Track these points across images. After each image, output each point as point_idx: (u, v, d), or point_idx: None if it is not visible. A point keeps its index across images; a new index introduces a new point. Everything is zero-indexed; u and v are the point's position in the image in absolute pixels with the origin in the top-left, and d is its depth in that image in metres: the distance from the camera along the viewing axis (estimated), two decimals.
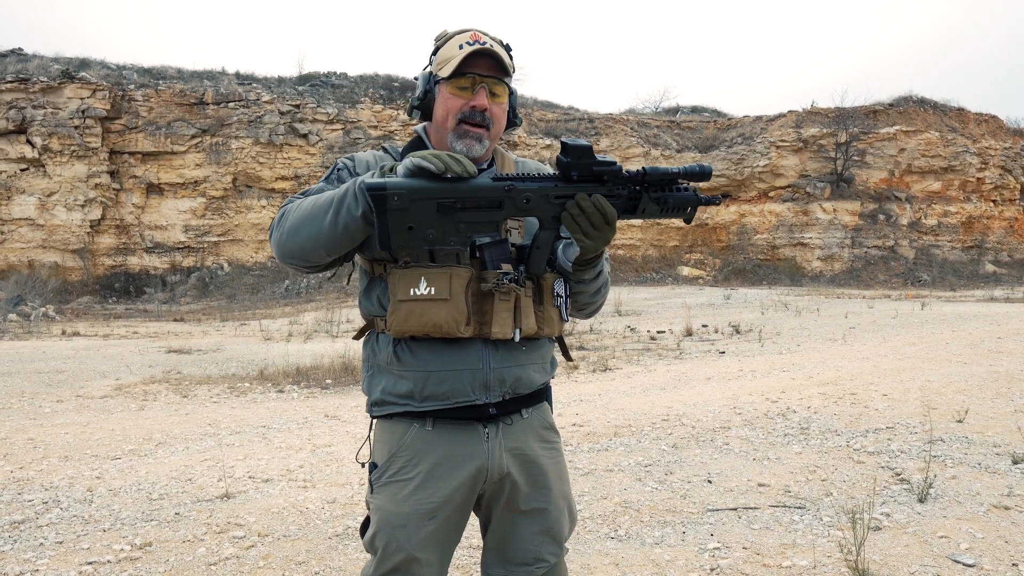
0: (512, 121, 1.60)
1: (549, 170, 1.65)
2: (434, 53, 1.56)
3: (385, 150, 1.61)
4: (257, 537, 3.18)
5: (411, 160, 1.34)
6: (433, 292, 1.39)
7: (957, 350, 8.76)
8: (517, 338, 1.47)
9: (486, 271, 1.43)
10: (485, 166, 1.58)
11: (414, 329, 1.41)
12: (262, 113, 23.52)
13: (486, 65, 1.48)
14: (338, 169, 1.56)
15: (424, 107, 1.56)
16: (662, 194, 1.49)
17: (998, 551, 2.88)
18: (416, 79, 1.57)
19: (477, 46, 1.46)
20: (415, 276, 1.40)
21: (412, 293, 1.40)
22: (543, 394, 1.63)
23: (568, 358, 1.69)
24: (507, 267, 1.45)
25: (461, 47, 1.47)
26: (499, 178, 1.42)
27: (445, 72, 1.48)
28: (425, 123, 1.60)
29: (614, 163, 1.45)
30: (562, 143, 1.47)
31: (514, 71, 1.55)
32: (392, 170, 1.39)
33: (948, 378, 6.75)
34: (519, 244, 1.50)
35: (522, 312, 1.46)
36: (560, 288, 1.53)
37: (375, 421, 1.58)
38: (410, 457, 1.49)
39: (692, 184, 1.52)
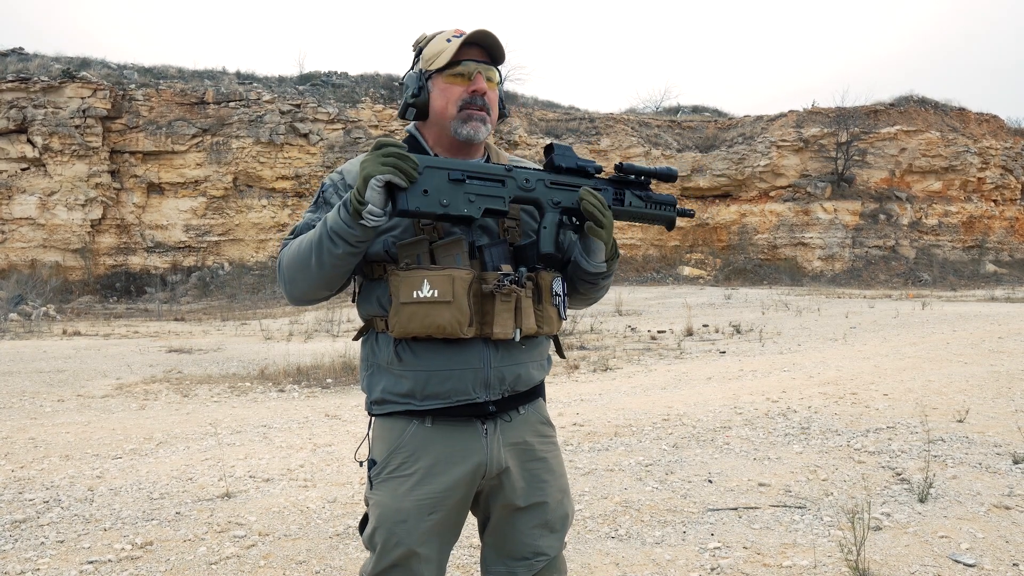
0: (501, 112, 1.63)
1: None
2: (418, 54, 1.58)
3: None
4: (258, 536, 3.18)
5: (377, 178, 1.33)
6: (436, 295, 1.40)
7: (958, 350, 8.76)
8: (518, 338, 1.49)
9: (486, 272, 1.46)
10: (482, 161, 1.60)
11: (417, 331, 1.42)
12: (263, 113, 23.53)
13: (477, 53, 1.53)
14: (323, 191, 1.56)
15: (419, 105, 1.56)
16: (643, 192, 1.67)
17: (999, 551, 2.88)
18: (403, 84, 1.59)
19: (472, 33, 1.50)
20: (417, 278, 1.41)
21: (415, 296, 1.41)
22: (539, 390, 1.66)
23: (561, 355, 1.73)
24: (506, 268, 1.48)
25: (450, 40, 1.51)
26: (498, 164, 1.54)
27: (439, 63, 1.51)
28: (416, 122, 1.60)
29: (594, 162, 1.65)
30: (547, 145, 1.61)
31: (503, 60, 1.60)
32: (347, 203, 1.38)
33: (949, 378, 6.75)
34: (517, 244, 1.54)
35: (522, 312, 1.48)
36: (558, 287, 1.56)
37: (374, 419, 1.59)
38: (409, 453, 1.51)
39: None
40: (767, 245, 28.07)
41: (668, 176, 1.67)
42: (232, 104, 23.41)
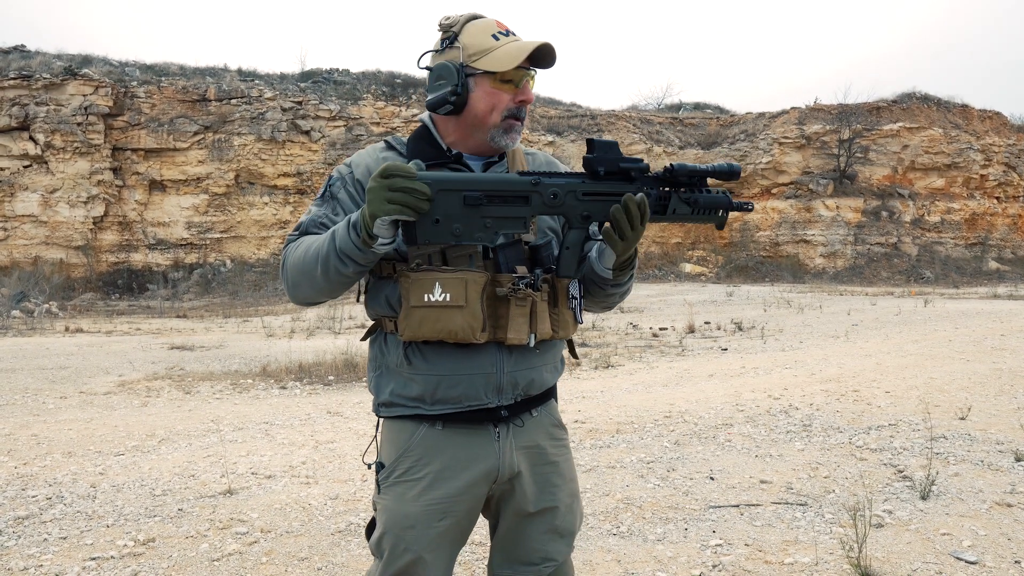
0: None
1: (560, 164, 1.61)
2: (451, 40, 1.44)
3: (388, 144, 1.54)
4: (260, 533, 3.19)
5: (383, 218, 1.27)
6: (449, 299, 1.34)
7: (960, 347, 8.75)
8: (532, 343, 1.42)
9: (500, 274, 1.40)
10: (496, 159, 1.52)
11: (428, 335, 1.37)
12: (264, 110, 23.51)
13: (527, 59, 1.45)
14: (331, 184, 1.50)
15: (459, 104, 1.44)
16: (691, 195, 1.45)
17: (1000, 548, 2.88)
18: (429, 68, 1.47)
19: (537, 41, 1.42)
20: (429, 281, 1.35)
21: (427, 299, 1.35)
22: (551, 392, 1.62)
23: (575, 357, 1.69)
24: (521, 269, 1.41)
25: (497, 37, 1.42)
26: (525, 173, 1.39)
27: (494, 66, 1.40)
28: (432, 113, 1.51)
29: (641, 160, 1.42)
30: (588, 140, 1.43)
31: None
32: (356, 227, 1.31)
33: (951, 375, 6.75)
34: (533, 243, 1.46)
35: (537, 317, 1.42)
36: (575, 290, 1.49)
37: (382, 421, 1.55)
38: (419, 457, 1.46)
39: (721, 188, 1.49)
40: (769, 242, 28.03)
41: (729, 174, 1.43)
42: (234, 101, 23.40)
